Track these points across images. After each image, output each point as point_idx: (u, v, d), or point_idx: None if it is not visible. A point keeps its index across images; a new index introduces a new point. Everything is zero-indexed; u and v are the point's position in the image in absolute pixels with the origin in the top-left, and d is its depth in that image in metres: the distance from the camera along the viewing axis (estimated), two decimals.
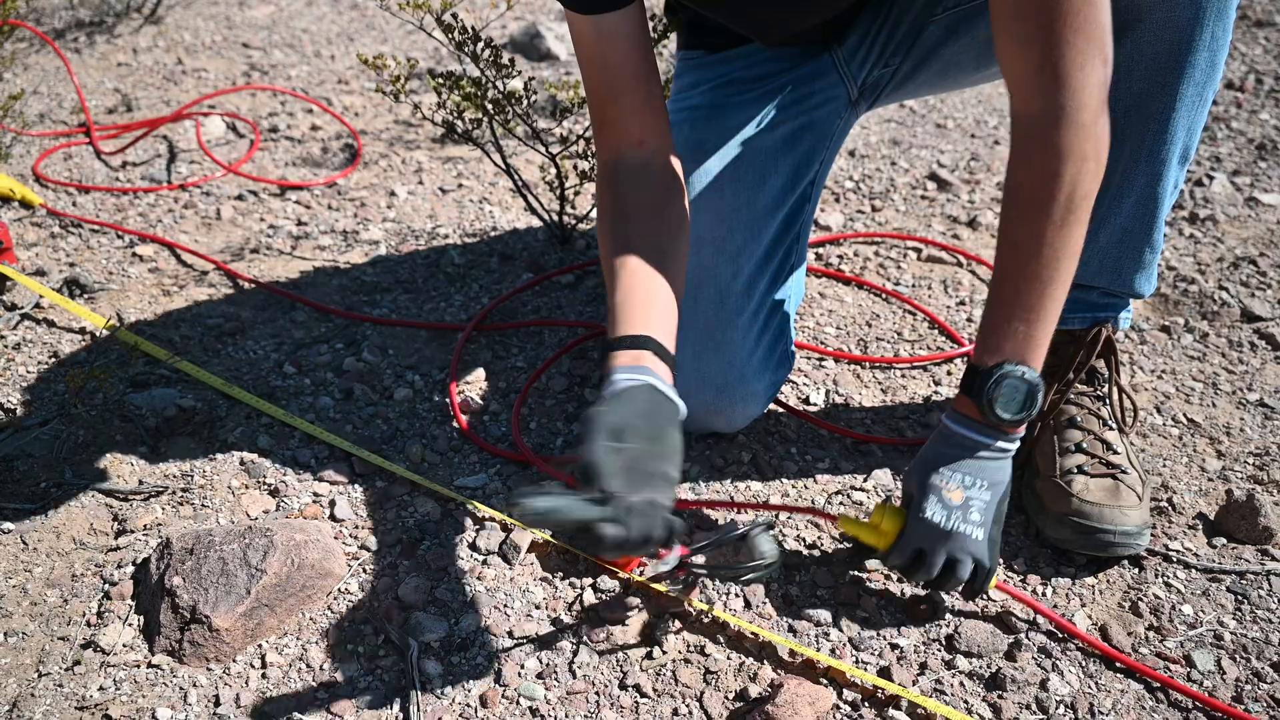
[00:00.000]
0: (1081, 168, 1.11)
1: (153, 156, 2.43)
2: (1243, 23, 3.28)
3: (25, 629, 1.21)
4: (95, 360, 1.68)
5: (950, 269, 2.03)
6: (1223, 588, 1.31)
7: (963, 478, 1.20)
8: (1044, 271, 1.15)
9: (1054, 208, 1.12)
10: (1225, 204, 2.24)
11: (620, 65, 1.26)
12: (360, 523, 1.38)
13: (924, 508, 1.19)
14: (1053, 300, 1.16)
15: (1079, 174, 1.11)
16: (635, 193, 1.28)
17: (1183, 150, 1.29)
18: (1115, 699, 1.16)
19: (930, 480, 1.20)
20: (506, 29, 3.28)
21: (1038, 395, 1.17)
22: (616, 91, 1.27)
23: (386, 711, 1.13)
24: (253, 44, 3.18)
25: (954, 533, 1.18)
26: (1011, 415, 1.17)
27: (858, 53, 1.53)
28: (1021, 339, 1.17)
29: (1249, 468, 1.50)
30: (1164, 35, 1.21)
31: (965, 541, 1.18)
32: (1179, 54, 1.21)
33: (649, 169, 1.29)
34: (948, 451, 1.22)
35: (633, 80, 1.27)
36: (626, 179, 1.29)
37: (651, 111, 1.29)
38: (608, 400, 1.08)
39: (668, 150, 1.31)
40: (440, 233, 2.13)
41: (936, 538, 1.19)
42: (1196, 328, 1.83)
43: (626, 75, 1.26)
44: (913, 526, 1.20)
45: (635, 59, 1.26)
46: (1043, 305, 1.16)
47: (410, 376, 1.68)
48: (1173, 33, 1.20)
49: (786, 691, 1.11)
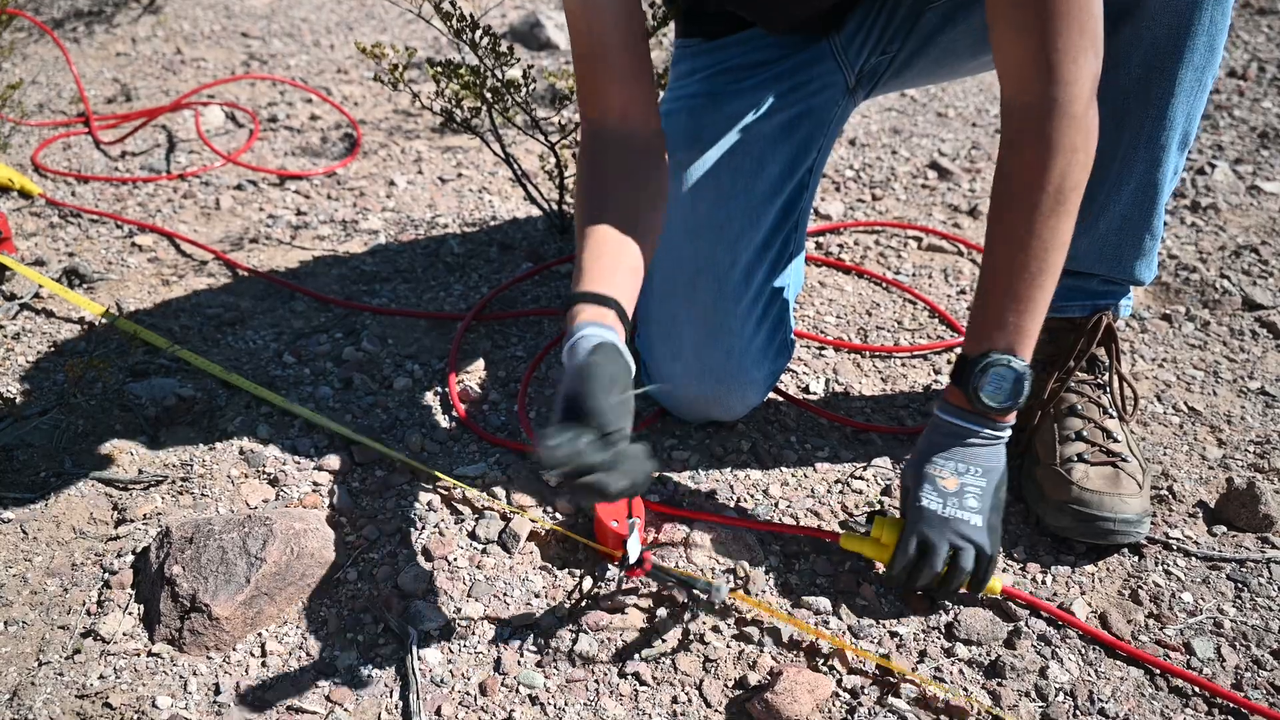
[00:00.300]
0: (1071, 159, 1.12)
1: (152, 146, 2.43)
2: (1245, 10, 3.27)
3: (25, 618, 1.22)
4: (95, 350, 1.68)
5: (951, 258, 2.02)
6: (1223, 575, 1.31)
7: (956, 465, 1.21)
8: (1033, 262, 1.15)
9: (1044, 199, 1.13)
10: (1227, 192, 2.23)
11: (607, 33, 1.25)
12: (360, 511, 1.38)
13: (920, 496, 1.20)
14: (1041, 290, 1.17)
15: (1069, 165, 1.12)
16: (614, 163, 1.27)
17: (1182, 136, 1.29)
18: (1115, 686, 1.16)
19: (925, 470, 1.22)
20: (506, 18, 3.27)
21: (1025, 384, 1.18)
22: (602, 60, 1.26)
23: (386, 699, 1.13)
24: (252, 33, 3.17)
25: (951, 519, 1.19)
26: (999, 404, 1.19)
27: (855, 39, 1.53)
28: (1010, 329, 1.18)
29: (1249, 456, 1.50)
30: (1162, 20, 1.20)
31: (963, 527, 1.19)
32: (1178, 39, 1.21)
33: (630, 141, 1.28)
34: (940, 441, 1.23)
35: (619, 50, 1.26)
36: (606, 149, 1.28)
37: (637, 83, 1.28)
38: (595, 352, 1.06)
39: (650, 125, 1.30)
40: (440, 222, 2.13)
41: (935, 525, 1.19)
42: (1198, 316, 1.82)
43: (613, 44, 1.25)
44: (912, 518, 1.21)
45: (623, 28, 1.25)
46: (1031, 295, 1.17)
47: (410, 366, 1.67)
48: (1171, 17, 1.20)
49: (786, 679, 1.11)
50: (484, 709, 1.12)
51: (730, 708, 1.13)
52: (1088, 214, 1.35)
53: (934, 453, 1.23)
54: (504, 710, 1.12)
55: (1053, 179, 1.12)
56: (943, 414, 1.24)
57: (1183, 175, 2.29)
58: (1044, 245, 1.14)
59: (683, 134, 1.52)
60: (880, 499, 1.42)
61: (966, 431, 1.22)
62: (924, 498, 1.20)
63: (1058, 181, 1.12)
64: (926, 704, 1.13)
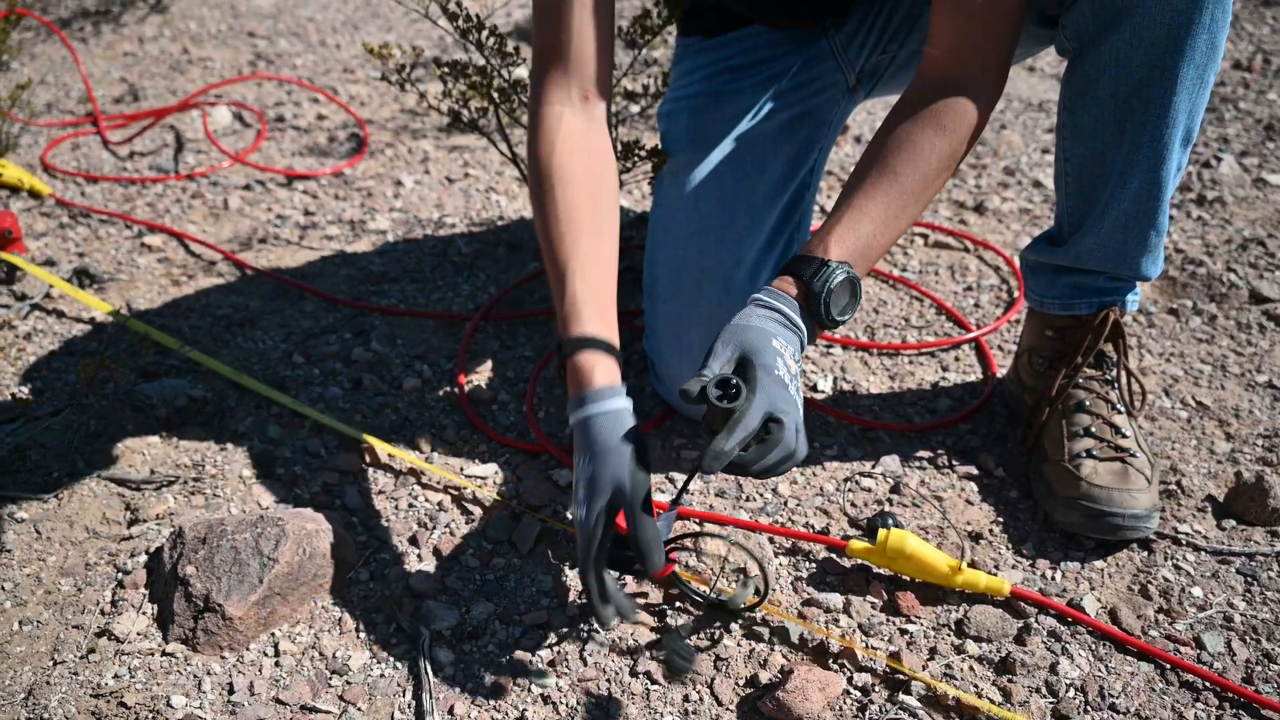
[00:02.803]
0: (977, 134, 1.24)
1: (160, 146, 2.43)
2: (1250, 2, 3.26)
3: (40, 617, 1.22)
4: (106, 350, 1.69)
5: (957, 254, 2.02)
6: (1232, 570, 1.31)
7: (795, 351, 1.13)
8: (904, 212, 1.21)
9: (955, 157, 1.22)
10: (1233, 185, 2.23)
11: (576, 13, 1.25)
12: (371, 512, 1.39)
13: (774, 366, 1.08)
14: (907, 223, 1.23)
15: (973, 138, 1.23)
16: (573, 152, 1.27)
17: (1185, 133, 1.29)
18: (1125, 681, 1.16)
19: (771, 342, 1.10)
20: (511, 16, 3.28)
21: (858, 299, 1.19)
22: (567, 42, 1.26)
23: (399, 699, 1.14)
24: (258, 33, 3.18)
25: (796, 401, 1.09)
26: (841, 320, 1.17)
27: (855, 39, 1.53)
28: (864, 247, 1.19)
29: (1258, 449, 1.50)
30: (1162, 19, 1.20)
31: (797, 414, 1.09)
32: (1178, 37, 1.21)
33: (589, 128, 1.29)
34: (774, 323, 1.13)
35: (584, 33, 1.26)
36: (566, 135, 1.27)
37: (599, 69, 1.29)
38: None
39: (604, 115, 1.31)
40: (447, 222, 2.13)
41: (786, 402, 1.07)
42: (1205, 310, 1.82)
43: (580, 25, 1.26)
44: (764, 384, 1.06)
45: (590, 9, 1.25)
46: (899, 225, 1.21)
47: (418, 366, 1.68)
48: (1171, 16, 1.20)
49: (797, 677, 1.12)
50: (496, 708, 1.13)
51: (742, 706, 1.14)
52: (1092, 212, 1.36)
53: (776, 331, 1.12)
54: (516, 710, 1.13)
55: (959, 151, 1.23)
56: (779, 303, 1.15)
57: (1188, 169, 2.29)
58: (918, 202, 1.22)
59: (684, 134, 1.52)
60: (889, 496, 1.42)
61: (796, 327, 1.14)
62: (778, 368, 1.08)
63: (959, 155, 1.23)
64: (937, 701, 1.14)
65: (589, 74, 1.28)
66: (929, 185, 1.21)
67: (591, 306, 1.17)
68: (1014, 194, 2.23)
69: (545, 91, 1.28)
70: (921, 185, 1.21)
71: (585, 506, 1.09)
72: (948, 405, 1.60)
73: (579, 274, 1.19)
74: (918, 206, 1.22)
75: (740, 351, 1.09)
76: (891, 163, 1.20)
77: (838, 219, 1.20)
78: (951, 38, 1.21)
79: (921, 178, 1.20)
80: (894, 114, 1.24)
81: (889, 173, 1.20)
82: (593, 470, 1.09)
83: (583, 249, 1.21)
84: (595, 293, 1.19)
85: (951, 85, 1.21)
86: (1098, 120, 1.30)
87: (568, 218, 1.22)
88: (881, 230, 1.19)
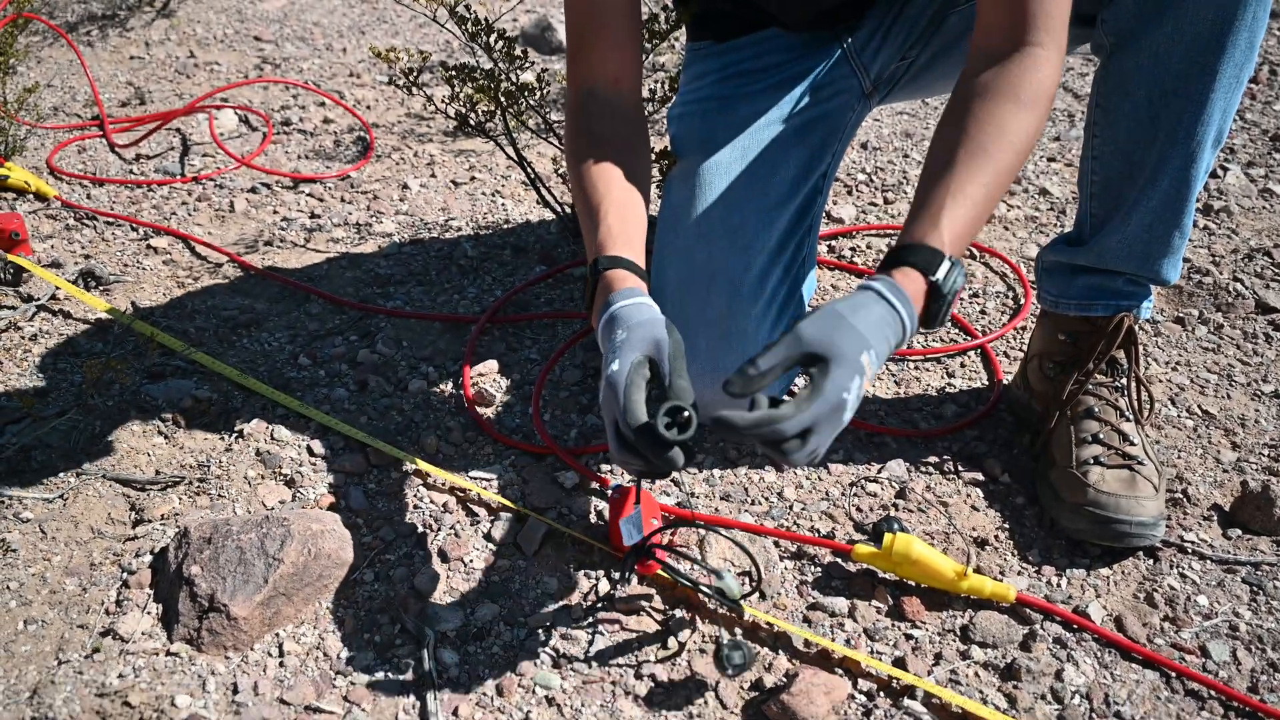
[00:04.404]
0: (1049, 107, 1.17)
1: (166, 149, 2.44)
2: None
3: (45, 617, 1.22)
4: (111, 351, 1.69)
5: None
6: (1238, 579, 1.31)
7: (877, 367, 1.03)
8: (993, 193, 1.13)
9: (1038, 131, 1.16)
10: (1239, 195, 2.23)
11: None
12: (376, 513, 1.39)
13: (851, 387, 0.98)
14: (995, 206, 1.17)
15: (1047, 112, 1.17)
16: (608, 124, 1.31)
17: (1217, 133, 1.29)
18: (1131, 689, 1.16)
19: (865, 355, 1.00)
20: (518, 21, 3.28)
21: None
22: (600, 23, 1.30)
23: (404, 700, 1.13)
24: (264, 37, 3.18)
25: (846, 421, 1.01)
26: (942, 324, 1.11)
27: (870, 43, 1.53)
28: (968, 234, 1.12)
29: (1264, 459, 1.50)
30: (1206, 14, 1.20)
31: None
32: (1220, 33, 1.20)
33: (621, 107, 1.33)
34: (881, 329, 1.03)
35: (617, 14, 1.30)
36: (599, 110, 1.32)
37: (631, 49, 1.33)
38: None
39: (637, 93, 1.36)
40: (453, 225, 2.14)
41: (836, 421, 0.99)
42: (1211, 319, 1.82)
43: (612, 6, 1.30)
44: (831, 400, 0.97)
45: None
46: (991, 208, 1.14)
47: (424, 368, 1.68)
48: (1215, 11, 1.20)
49: (802, 681, 1.12)
50: (501, 710, 1.13)
51: (746, 709, 1.14)
52: (1118, 211, 1.36)
53: (877, 340, 1.01)
54: (521, 711, 1.12)
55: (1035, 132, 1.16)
56: (900, 304, 1.05)
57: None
58: (1007, 183, 1.14)
59: (695, 137, 1.52)
60: (895, 501, 1.42)
61: (902, 336, 1.05)
62: (853, 388, 0.98)
63: (1036, 136, 1.16)
64: (942, 706, 1.13)
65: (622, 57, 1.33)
66: (1018, 163, 1.14)
67: (624, 237, 1.20)
68: (1020, 201, 2.23)
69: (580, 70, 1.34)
70: (1014, 163, 1.13)
71: (618, 358, 1.04)
72: (954, 411, 1.60)
73: (613, 211, 1.22)
74: (1005, 188, 1.15)
75: (817, 351, 0.99)
76: (981, 141, 1.13)
77: (940, 203, 1.10)
78: (1006, 15, 1.16)
79: (1014, 154, 1.13)
80: (962, 94, 1.17)
81: (980, 153, 1.12)
82: (626, 335, 1.06)
83: (615, 196, 1.24)
84: (628, 227, 1.22)
85: (1016, 60, 1.15)
86: (1132, 116, 1.29)
87: (601, 173, 1.26)
88: (980, 214, 1.13)
